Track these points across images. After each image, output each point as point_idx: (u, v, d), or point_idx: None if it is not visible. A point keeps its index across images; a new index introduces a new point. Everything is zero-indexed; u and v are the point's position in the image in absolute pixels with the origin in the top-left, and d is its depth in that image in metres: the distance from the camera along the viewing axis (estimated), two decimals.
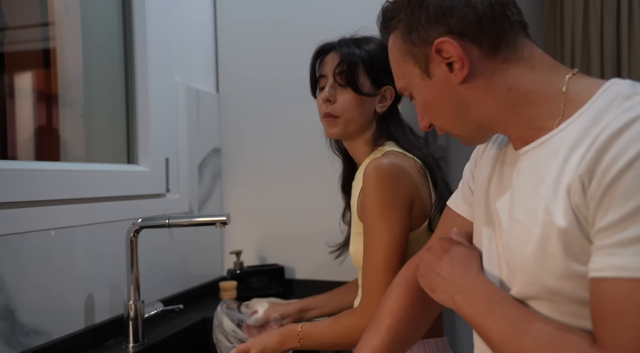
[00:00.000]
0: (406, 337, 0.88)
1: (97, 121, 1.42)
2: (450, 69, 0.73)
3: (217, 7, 1.79)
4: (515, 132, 0.75)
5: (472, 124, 0.77)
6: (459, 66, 0.72)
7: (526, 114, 0.72)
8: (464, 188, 0.91)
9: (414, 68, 0.77)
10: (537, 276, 0.67)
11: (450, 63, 0.73)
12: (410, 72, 0.78)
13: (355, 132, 1.14)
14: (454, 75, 0.73)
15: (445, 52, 0.72)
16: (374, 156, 1.10)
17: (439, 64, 0.74)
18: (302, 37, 1.67)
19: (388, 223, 1.01)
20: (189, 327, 1.36)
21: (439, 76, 0.75)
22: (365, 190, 1.04)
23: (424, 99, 0.78)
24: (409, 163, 1.06)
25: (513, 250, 0.71)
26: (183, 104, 1.59)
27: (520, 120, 0.73)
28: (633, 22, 2.25)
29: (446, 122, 0.79)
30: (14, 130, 1.21)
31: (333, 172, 1.33)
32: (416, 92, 0.79)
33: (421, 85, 0.77)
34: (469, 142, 0.81)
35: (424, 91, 0.77)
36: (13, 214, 1.03)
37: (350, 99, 1.12)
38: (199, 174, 1.67)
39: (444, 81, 0.74)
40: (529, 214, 0.69)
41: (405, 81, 0.80)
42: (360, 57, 1.12)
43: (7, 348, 1.01)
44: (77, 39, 1.36)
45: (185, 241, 1.59)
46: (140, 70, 1.45)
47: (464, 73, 0.72)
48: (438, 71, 0.74)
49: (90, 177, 1.23)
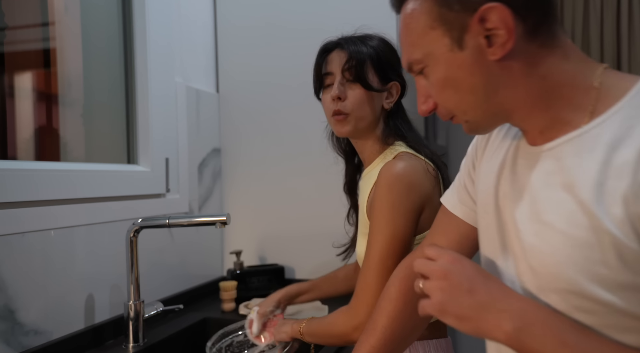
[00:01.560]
0: (402, 336, 0.88)
1: (97, 121, 1.42)
2: (488, 42, 0.65)
3: (217, 7, 1.79)
4: (537, 125, 0.69)
5: (491, 110, 0.70)
6: (502, 40, 0.64)
7: (554, 106, 0.67)
8: (459, 187, 0.89)
9: (442, 37, 0.67)
10: (580, 286, 0.61)
11: (489, 36, 0.65)
12: (436, 42, 0.68)
13: (365, 129, 1.13)
14: (492, 50, 0.65)
15: (489, 22, 0.64)
16: (384, 156, 1.11)
17: (476, 36, 0.65)
18: (302, 37, 1.67)
19: (391, 226, 1.01)
20: (189, 327, 1.36)
21: (471, 49, 0.66)
22: (377, 191, 1.04)
23: (444, 75, 0.69)
24: (422, 166, 1.06)
25: (543, 254, 0.65)
26: (183, 104, 1.59)
27: (546, 112, 0.67)
28: (633, 22, 2.25)
29: (463, 104, 0.70)
30: (14, 130, 1.21)
31: (333, 172, 1.33)
32: (435, 67, 0.70)
33: (446, 58, 0.68)
34: (474, 129, 0.74)
35: (449, 65, 0.68)
36: (13, 214, 1.03)
37: (360, 95, 1.10)
38: (199, 174, 1.67)
39: (476, 56, 0.66)
40: (563, 217, 0.63)
41: (424, 51, 0.70)
42: (368, 53, 1.11)
43: (7, 348, 1.01)
44: (77, 39, 1.36)
45: (185, 241, 1.59)
46: (140, 70, 1.45)
47: (507, 49, 0.64)
48: (472, 43, 0.66)
49: (90, 177, 1.23)
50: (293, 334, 1.13)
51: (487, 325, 0.63)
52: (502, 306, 0.64)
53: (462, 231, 0.87)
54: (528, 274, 0.68)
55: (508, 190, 0.73)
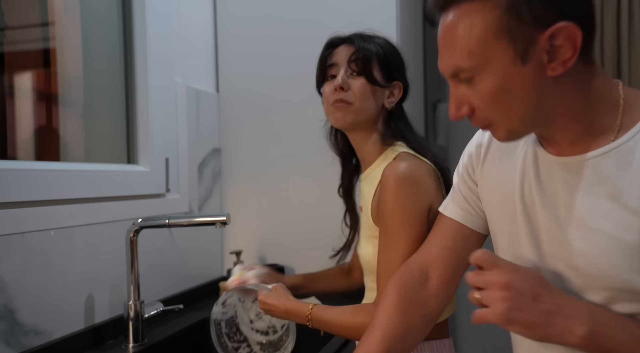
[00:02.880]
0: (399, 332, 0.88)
1: (97, 121, 1.42)
2: (549, 58, 0.66)
3: (217, 7, 1.79)
4: (569, 136, 0.73)
5: (535, 121, 0.72)
6: (565, 57, 0.65)
7: (589, 120, 0.71)
8: (455, 194, 0.92)
9: (507, 49, 0.66)
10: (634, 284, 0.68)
11: (549, 52, 0.66)
12: (498, 53, 0.67)
13: (364, 124, 1.12)
14: (552, 65, 0.66)
15: (558, 39, 0.65)
16: (385, 156, 1.10)
17: (541, 51, 0.66)
18: (303, 38, 1.67)
19: (408, 228, 1.01)
20: (189, 327, 1.36)
21: (534, 64, 0.66)
22: (384, 194, 1.03)
23: (499, 86, 0.68)
24: (424, 166, 1.06)
25: (594, 258, 0.70)
26: (183, 104, 1.59)
27: (581, 125, 0.72)
28: (633, 22, 2.25)
29: (511, 115, 0.70)
30: (13, 130, 1.21)
31: (333, 172, 1.33)
32: (490, 77, 0.68)
33: (506, 70, 0.67)
34: (512, 138, 0.75)
35: (507, 77, 0.67)
36: (13, 214, 1.03)
37: (364, 86, 1.10)
38: (199, 174, 1.67)
39: (536, 70, 0.67)
40: (613, 224, 0.68)
41: (480, 60, 0.68)
42: (375, 50, 1.12)
43: (7, 348, 1.01)
44: (77, 39, 1.36)
45: (185, 241, 1.59)
46: (140, 70, 1.45)
47: (567, 66, 0.66)
48: (536, 58, 0.66)
49: (90, 177, 1.23)
50: (290, 318, 1.09)
51: (557, 330, 0.67)
52: (570, 312, 0.67)
53: (455, 228, 0.91)
54: (569, 274, 0.73)
55: (537, 198, 0.77)
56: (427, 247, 0.94)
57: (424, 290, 0.91)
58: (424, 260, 0.93)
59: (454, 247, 0.91)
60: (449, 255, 0.91)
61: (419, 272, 0.92)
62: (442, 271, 0.91)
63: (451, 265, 0.91)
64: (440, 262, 0.91)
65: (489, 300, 0.69)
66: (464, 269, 0.93)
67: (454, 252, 0.91)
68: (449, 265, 0.91)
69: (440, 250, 0.92)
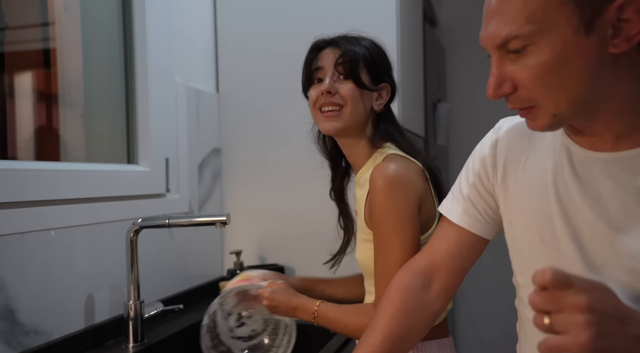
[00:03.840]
0: (402, 335, 0.88)
1: (97, 121, 1.42)
2: (614, 33, 0.62)
3: (217, 7, 1.79)
4: (617, 129, 0.68)
5: (586, 105, 0.66)
6: (631, 33, 0.61)
7: (638, 113, 0.67)
8: (463, 200, 0.89)
9: (571, 16, 0.61)
10: None
11: (615, 26, 0.62)
12: (561, 19, 0.62)
13: (354, 128, 1.10)
14: (616, 41, 0.62)
15: (628, 12, 0.60)
16: (374, 159, 1.09)
17: (607, 23, 0.61)
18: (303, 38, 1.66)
19: (400, 230, 1.00)
20: (189, 327, 1.36)
21: (597, 36, 0.62)
22: (375, 197, 1.02)
23: (556, 58, 0.63)
24: (413, 167, 1.05)
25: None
26: (183, 104, 1.59)
27: (631, 118, 0.67)
28: None
29: (561, 94, 0.65)
30: (13, 130, 1.21)
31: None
32: (547, 47, 0.63)
33: (566, 39, 0.62)
34: (550, 124, 0.69)
35: (567, 47, 0.62)
36: (13, 214, 1.03)
37: (353, 91, 1.07)
38: (199, 174, 1.67)
39: (599, 44, 0.62)
40: None
41: (540, 27, 0.63)
42: (361, 53, 1.10)
43: (7, 348, 1.01)
44: (77, 39, 1.36)
45: (185, 241, 1.59)
46: (140, 70, 1.45)
47: (632, 43, 0.62)
48: (601, 30, 0.62)
49: (90, 177, 1.23)
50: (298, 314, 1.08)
51: None
52: None
53: (463, 237, 0.89)
54: (625, 279, 0.67)
55: (576, 196, 0.72)
56: (431, 252, 0.93)
57: (427, 294, 0.91)
58: (427, 264, 0.92)
59: (458, 255, 0.90)
60: (454, 263, 0.91)
61: (422, 276, 0.92)
62: (446, 277, 0.91)
63: (454, 271, 0.91)
64: (444, 269, 0.91)
65: (566, 325, 0.57)
66: (466, 273, 0.93)
67: (458, 260, 0.90)
68: (452, 272, 0.91)
69: (446, 257, 0.91)
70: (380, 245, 1.02)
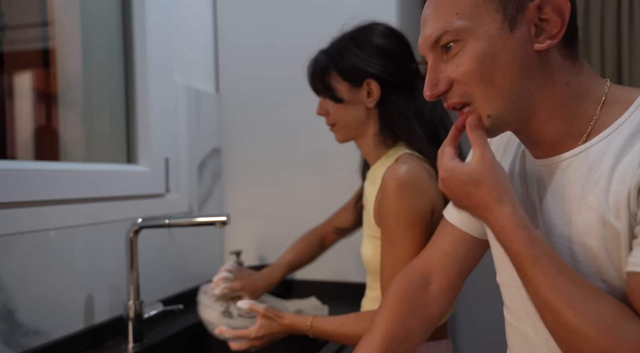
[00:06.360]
0: (399, 335, 0.88)
1: (97, 121, 1.42)
2: (537, 31, 0.66)
3: (217, 7, 1.79)
4: (551, 134, 0.70)
5: (518, 104, 0.68)
6: (553, 31, 0.65)
7: (570, 116, 0.69)
8: None
9: (496, 13, 0.66)
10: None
11: (537, 26, 0.66)
12: (487, 15, 0.66)
13: (356, 133, 1.15)
14: (539, 39, 0.66)
15: (547, 10, 0.65)
16: (387, 158, 1.09)
17: (529, 21, 0.66)
18: (303, 38, 1.66)
19: (410, 232, 1.00)
20: (189, 327, 1.36)
21: (521, 33, 0.66)
22: (386, 198, 1.02)
23: (484, 52, 0.66)
24: (425, 168, 1.04)
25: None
26: (183, 104, 1.59)
27: (563, 121, 0.69)
28: (634, 22, 2.24)
29: (491, 90, 0.68)
30: (13, 130, 1.21)
31: (333, 172, 1.33)
32: (475, 42, 0.67)
33: (492, 35, 0.66)
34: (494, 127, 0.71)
35: (493, 43, 0.66)
36: (12, 214, 1.03)
37: (334, 107, 1.13)
38: (199, 174, 1.67)
39: (522, 41, 0.66)
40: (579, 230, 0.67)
41: (468, 23, 0.67)
42: (325, 63, 1.12)
43: (7, 348, 1.01)
44: (77, 39, 1.36)
45: (185, 241, 1.59)
46: (140, 70, 1.45)
47: (555, 41, 0.66)
48: (523, 27, 0.66)
49: (90, 177, 1.23)
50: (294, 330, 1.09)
51: None
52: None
53: (458, 235, 0.90)
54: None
55: (523, 205, 0.74)
56: (428, 251, 0.94)
57: (425, 295, 0.91)
58: (425, 264, 0.92)
59: (455, 253, 0.90)
60: (451, 261, 0.90)
61: (420, 276, 0.91)
62: (444, 277, 0.91)
63: (453, 270, 0.91)
64: (442, 267, 0.91)
65: None
66: (466, 275, 0.92)
67: (455, 258, 0.90)
68: (450, 271, 0.91)
69: (442, 255, 0.91)
70: (390, 246, 1.02)
